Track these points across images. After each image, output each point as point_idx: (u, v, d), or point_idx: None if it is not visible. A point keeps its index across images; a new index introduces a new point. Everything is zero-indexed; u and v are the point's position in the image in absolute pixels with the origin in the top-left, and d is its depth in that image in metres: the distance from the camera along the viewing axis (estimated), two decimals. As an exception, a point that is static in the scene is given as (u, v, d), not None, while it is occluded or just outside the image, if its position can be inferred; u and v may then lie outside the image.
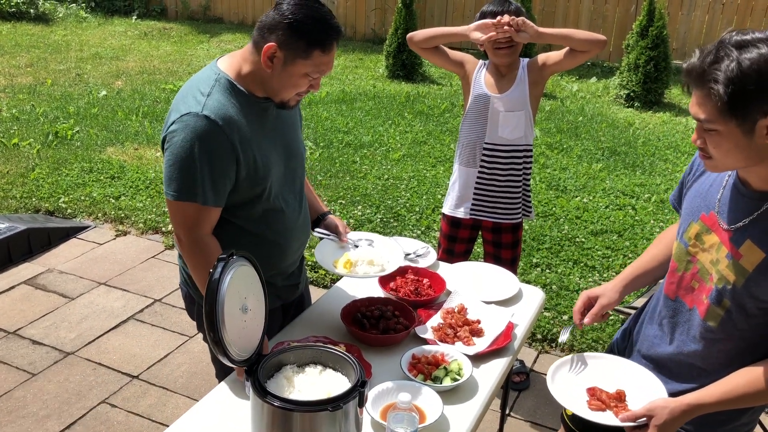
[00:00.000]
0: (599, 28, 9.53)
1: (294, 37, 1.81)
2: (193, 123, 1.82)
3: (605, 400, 1.65)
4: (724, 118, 1.40)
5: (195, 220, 1.90)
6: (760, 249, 1.50)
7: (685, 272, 1.70)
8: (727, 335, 1.61)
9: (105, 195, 5.24)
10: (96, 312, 3.87)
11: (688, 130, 6.99)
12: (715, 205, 1.64)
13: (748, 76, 1.34)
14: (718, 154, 1.48)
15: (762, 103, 1.36)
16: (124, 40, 10.39)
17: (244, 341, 1.65)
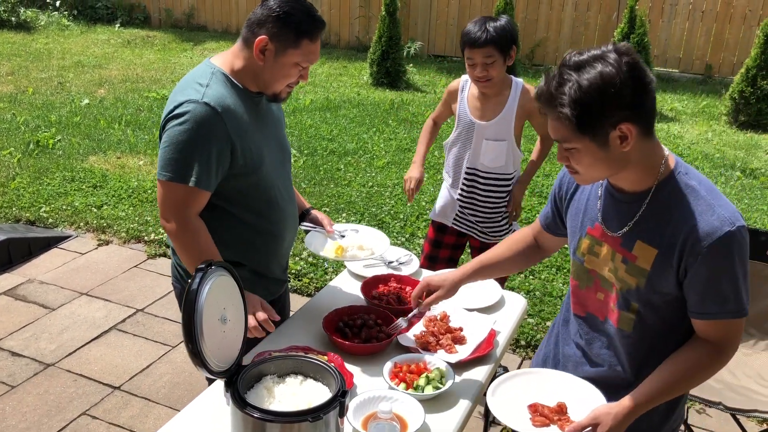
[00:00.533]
0: (581, 36, 9.61)
1: (284, 29, 1.93)
2: (192, 109, 1.91)
3: (548, 415, 1.65)
4: (578, 136, 1.47)
5: (185, 201, 1.96)
6: (651, 246, 1.55)
7: (588, 287, 1.73)
8: (643, 335, 1.65)
9: (87, 204, 5.20)
10: (77, 322, 3.83)
11: (670, 137, 7.05)
12: (598, 216, 1.68)
13: (590, 96, 1.41)
14: (582, 169, 1.55)
15: (608, 117, 1.43)
16: (107, 48, 10.34)
17: (223, 352, 1.64)
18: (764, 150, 6.78)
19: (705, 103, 8.22)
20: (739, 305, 1.53)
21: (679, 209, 1.52)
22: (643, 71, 1.45)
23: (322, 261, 4.47)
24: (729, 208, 1.51)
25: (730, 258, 1.49)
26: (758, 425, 3.12)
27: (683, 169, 1.58)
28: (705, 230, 1.48)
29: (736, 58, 8.97)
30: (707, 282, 1.51)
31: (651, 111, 1.48)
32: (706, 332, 1.58)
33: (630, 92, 1.42)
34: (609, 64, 1.41)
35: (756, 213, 5.30)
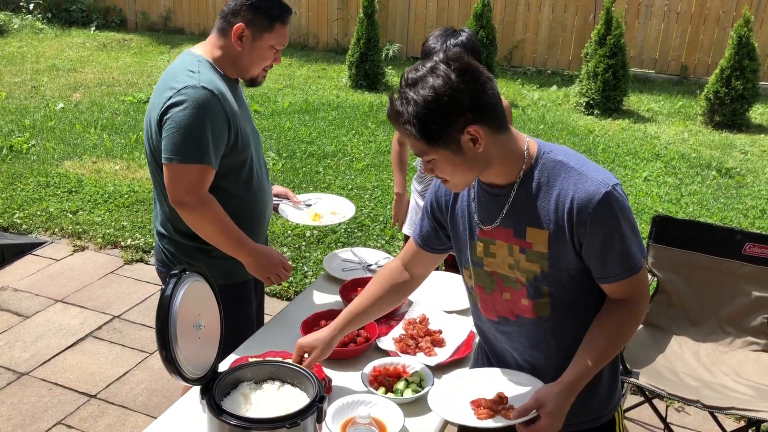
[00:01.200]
0: (558, 37, 9.68)
1: (258, 16, 2.13)
2: (193, 94, 2.04)
3: (491, 407, 1.66)
4: (431, 148, 1.51)
5: (199, 181, 2.09)
6: (541, 229, 1.59)
7: (493, 290, 1.73)
8: (562, 314, 1.67)
9: (62, 210, 5.12)
10: (52, 330, 3.77)
11: (647, 137, 7.12)
12: (476, 215, 1.70)
13: (428, 109, 1.45)
14: (448, 176, 1.59)
15: (451, 124, 1.47)
16: (82, 51, 10.21)
17: (198, 359, 1.61)
18: (739, 149, 6.86)
19: (681, 104, 8.31)
20: (634, 260, 1.57)
21: (556, 186, 1.56)
22: (476, 72, 1.48)
23: (302, 264, 4.44)
24: (600, 171, 1.56)
25: (614, 217, 1.53)
26: (736, 422, 3.15)
27: (547, 148, 1.62)
28: (584, 198, 1.52)
29: (711, 59, 9.08)
30: (602, 246, 1.54)
31: (494, 108, 1.51)
32: (616, 292, 1.62)
33: (466, 96, 1.46)
34: (439, 75, 1.46)
35: (732, 212, 5.36)
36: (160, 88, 2.13)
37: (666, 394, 2.56)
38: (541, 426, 1.55)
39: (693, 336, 2.95)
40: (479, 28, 8.00)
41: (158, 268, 2.42)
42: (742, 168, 6.33)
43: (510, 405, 1.64)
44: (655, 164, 6.33)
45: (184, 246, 2.26)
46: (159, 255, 2.38)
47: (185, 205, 2.10)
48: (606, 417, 1.78)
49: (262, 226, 2.39)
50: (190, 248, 2.25)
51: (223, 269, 2.25)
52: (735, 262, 2.90)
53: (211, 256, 2.24)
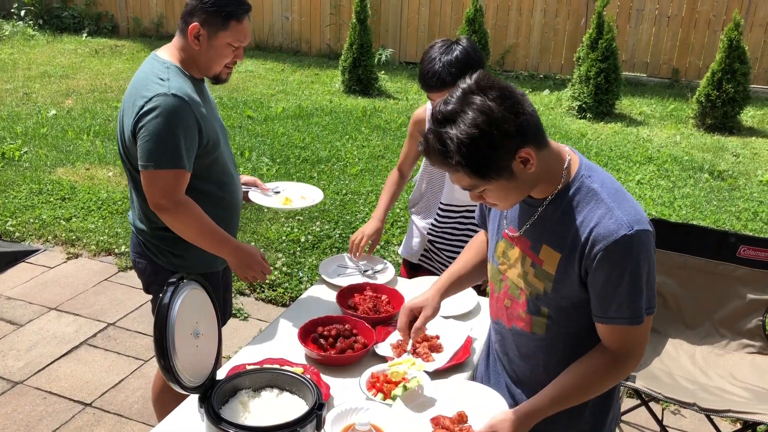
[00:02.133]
0: (550, 42, 9.71)
1: (212, 15, 2.17)
2: (164, 102, 2.10)
3: (449, 426, 1.66)
4: (483, 181, 1.47)
5: (174, 185, 2.16)
6: (555, 251, 1.57)
7: (500, 292, 1.74)
8: (556, 338, 1.65)
9: (55, 217, 5.10)
10: (46, 338, 3.75)
11: (639, 140, 7.15)
12: (505, 220, 1.70)
13: (475, 146, 1.40)
14: (499, 201, 1.56)
15: (502, 152, 1.42)
16: (74, 58, 10.18)
17: (196, 367, 1.61)
18: (731, 152, 6.90)
19: (673, 107, 8.36)
20: (635, 311, 1.51)
21: (581, 214, 1.53)
22: (512, 94, 1.43)
23: (297, 270, 4.43)
24: (630, 212, 1.50)
25: (626, 262, 1.47)
26: (732, 425, 3.16)
27: (586, 171, 1.57)
28: (601, 233, 1.48)
29: (702, 62, 9.14)
30: (605, 285, 1.50)
31: (536, 125, 1.47)
32: (607, 338, 1.58)
33: (511, 123, 1.41)
34: (478, 106, 1.40)
35: (724, 214, 5.39)
36: (132, 95, 2.19)
37: (662, 397, 2.57)
38: None
39: (688, 339, 2.97)
40: (471, 33, 8.02)
41: (134, 259, 2.48)
42: (734, 170, 6.37)
43: (469, 425, 1.65)
44: (648, 167, 6.36)
45: (165, 237, 2.34)
46: (137, 248, 2.44)
47: (163, 209, 2.19)
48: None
49: (235, 218, 2.49)
50: (171, 239, 2.33)
51: (203, 258, 2.37)
52: (729, 265, 2.91)
53: (192, 245, 2.32)
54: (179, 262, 2.36)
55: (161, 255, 2.37)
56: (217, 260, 2.41)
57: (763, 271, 2.87)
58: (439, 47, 2.45)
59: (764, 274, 2.87)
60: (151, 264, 2.40)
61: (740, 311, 2.92)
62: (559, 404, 1.59)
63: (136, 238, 2.43)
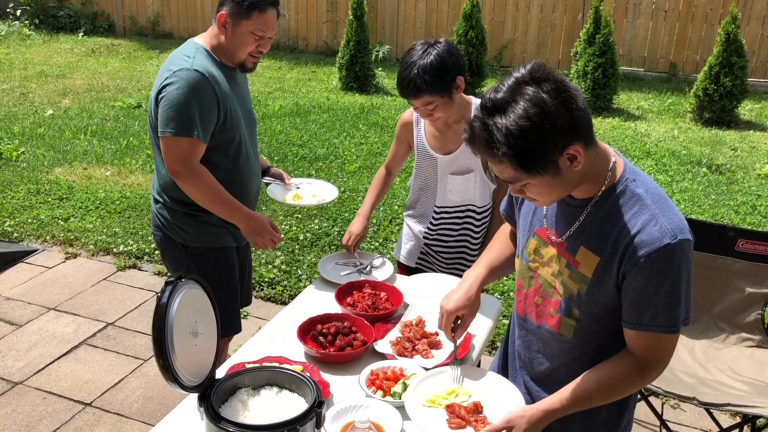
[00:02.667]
0: (548, 37, 9.71)
1: (237, 4, 2.37)
2: (185, 75, 2.30)
3: (464, 416, 1.65)
4: (528, 175, 1.42)
5: (189, 152, 2.34)
6: (593, 254, 1.54)
7: (528, 289, 1.71)
8: (582, 342, 1.63)
9: (53, 217, 5.09)
10: (45, 338, 3.75)
11: (638, 135, 7.15)
12: (544, 218, 1.67)
13: (526, 137, 1.35)
14: (540, 197, 1.51)
15: (551, 147, 1.38)
16: (70, 57, 10.16)
17: (195, 366, 1.60)
18: (729, 146, 6.91)
19: (670, 101, 8.36)
20: (671, 320, 1.49)
21: (624, 218, 1.50)
22: (567, 88, 1.39)
23: (296, 268, 4.43)
24: (674, 220, 1.47)
25: (667, 270, 1.45)
26: (731, 418, 3.16)
27: (631, 175, 1.54)
28: (645, 240, 1.45)
29: (699, 56, 9.14)
30: (642, 292, 1.48)
31: (588, 122, 1.44)
32: (635, 344, 1.55)
33: (564, 118, 1.37)
34: (530, 98, 1.35)
35: (723, 208, 5.39)
36: (161, 72, 2.40)
37: (662, 391, 2.57)
38: None
39: (688, 333, 2.97)
40: (468, 29, 8.01)
41: (153, 232, 2.67)
42: (732, 164, 6.37)
43: (484, 416, 1.64)
44: (646, 162, 6.36)
45: (175, 211, 2.52)
46: (155, 220, 2.63)
47: (178, 174, 2.36)
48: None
49: (246, 200, 2.59)
50: (180, 214, 2.52)
51: (208, 233, 2.55)
52: (728, 259, 2.92)
53: (198, 221, 2.52)
54: (186, 236, 2.54)
55: (170, 228, 2.55)
56: (226, 236, 2.58)
57: (762, 265, 2.87)
58: (418, 51, 2.39)
59: (763, 268, 2.87)
60: (165, 237, 2.58)
61: (739, 305, 2.93)
62: (578, 405, 1.58)
63: (154, 211, 2.61)
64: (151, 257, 4.64)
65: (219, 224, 2.54)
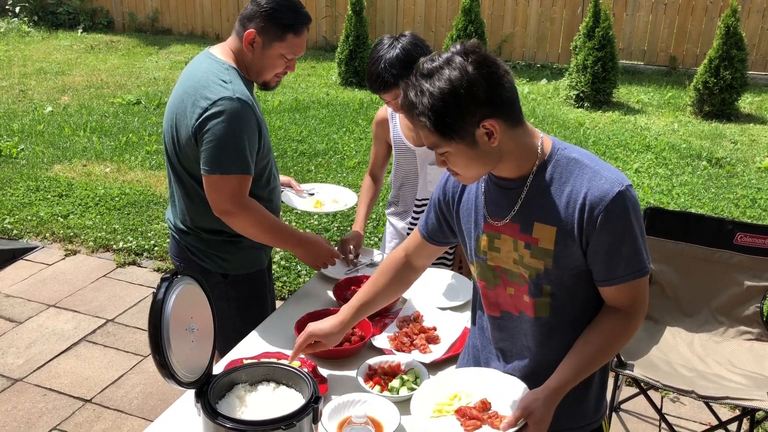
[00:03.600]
0: (547, 31, 9.69)
1: (270, 24, 2.14)
2: (230, 107, 2.07)
3: (477, 416, 1.64)
4: (445, 141, 1.49)
5: (241, 189, 2.15)
6: (549, 225, 1.57)
7: (496, 285, 1.72)
8: (562, 317, 1.65)
9: (53, 214, 5.09)
10: (45, 335, 3.75)
11: (637, 128, 7.14)
12: (485, 210, 1.68)
13: (443, 102, 1.43)
14: (460, 170, 1.56)
15: (467, 118, 1.45)
16: (69, 54, 10.15)
17: (192, 362, 1.61)
18: (729, 139, 6.89)
19: (670, 95, 8.34)
20: (641, 264, 1.55)
21: (569, 182, 1.54)
22: (493, 65, 1.46)
23: (296, 264, 4.43)
24: (613, 171, 1.54)
25: (626, 217, 1.51)
26: (731, 411, 3.16)
27: (561, 145, 1.60)
28: (597, 195, 1.50)
29: (699, 50, 9.11)
30: (610, 246, 1.52)
31: (511, 102, 1.49)
32: (615, 298, 1.60)
33: (483, 89, 1.44)
34: (455, 66, 1.44)
35: (722, 202, 5.38)
36: (191, 95, 2.14)
37: (661, 385, 2.57)
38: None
39: (686, 327, 2.97)
40: (468, 23, 8.00)
41: (178, 265, 2.45)
42: (732, 157, 6.36)
43: (494, 411, 1.63)
44: (646, 156, 6.35)
45: (212, 242, 2.33)
46: (180, 252, 2.40)
47: (230, 213, 2.17)
48: (594, 425, 1.76)
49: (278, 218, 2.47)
50: (218, 243, 2.33)
51: (249, 258, 2.39)
52: (726, 252, 2.91)
53: (239, 247, 2.34)
54: (227, 264, 2.36)
55: (207, 259, 2.35)
56: (262, 257, 2.44)
57: (761, 258, 2.87)
58: (384, 46, 2.39)
59: (761, 261, 2.87)
60: (198, 268, 2.35)
61: (738, 298, 2.92)
62: (584, 372, 1.60)
63: (178, 243, 2.39)
64: (151, 253, 4.64)
65: (258, 246, 2.38)
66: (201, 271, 2.35)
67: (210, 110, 2.07)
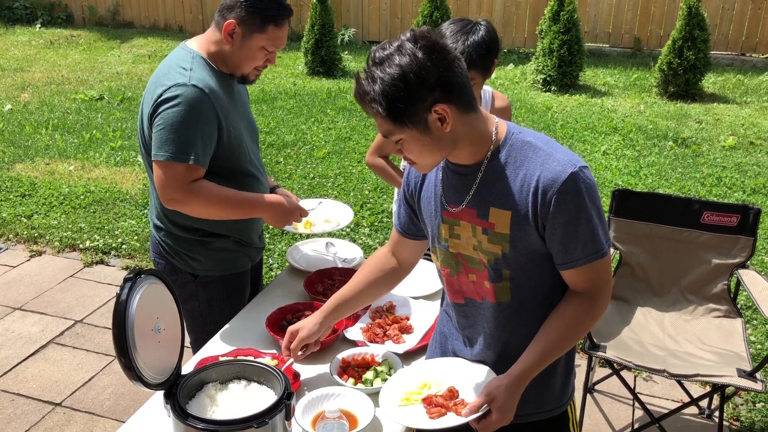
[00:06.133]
0: (513, 15, 9.69)
1: (251, 15, 2.08)
2: (183, 92, 2.01)
3: (442, 404, 1.64)
4: (398, 128, 1.48)
5: (185, 178, 2.06)
6: (504, 209, 1.56)
7: (458, 272, 1.72)
8: (523, 302, 1.64)
9: (16, 214, 4.97)
10: (11, 339, 3.66)
11: (604, 111, 7.19)
12: (443, 197, 1.68)
13: (393, 88, 1.43)
14: (416, 157, 1.55)
15: (418, 103, 1.45)
16: (28, 50, 9.91)
17: (159, 363, 1.57)
18: (693, 119, 6.98)
19: (636, 76, 8.42)
20: (599, 244, 1.54)
21: (523, 166, 1.54)
22: (443, 51, 1.46)
23: (267, 257, 4.39)
24: (568, 153, 1.53)
25: (580, 198, 1.50)
26: (702, 387, 3.21)
27: (516, 130, 1.60)
28: (550, 177, 1.49)
29: (663, 31, 9.20)
30: (566, 228, 1.51)
31: (462, 87, 1.49)
32: (577, 282, 1.59)
33: (433, 74, 1.43)
34: (405, 53, 1.44)
35: (689, 181, 5.45)
36: (153, 84, 2.11)
37: (633, 365, 2.59)
38: (492, 421, 1.55)
39: (657, 306, 3.00)
40: (434, 9, 7.96)
41: (154, 260, 2.40)
42: (698, 137, 6.45)
43: (461, 399, 1.63)
44: (614, 138, 6.40)
45: (182, 239, 2.27)
46: (156, 248, 2.35)
47: (176, 201, 2.10)
48: (559, 410, 1.76)
49: (256, 221, 2.40)
50: (188, 241, 2.27)
51: (221, 260, 2.31)
52: (694, 231, 2.95)
53: (210, 248, 2.28)
54: (197, 265, 2.29)
55: (177, 257, 2.29)
56: (241, 260, 2.36)
57: (727, 236, 2.91)
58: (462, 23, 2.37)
59: (727, 239, 2.91)
60: (170, 265, 2.31)
61: (706, 276, 2.96)
62: (547, 358, 1.59)
63: (155, 238, 2.34)
64: (118, 252, 4.56)
65: (233, 249, 2.32)
66: (172, 268, 2.31)
67: (163, 95, 2.03)
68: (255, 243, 2.42)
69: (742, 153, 6.08)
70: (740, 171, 5.65)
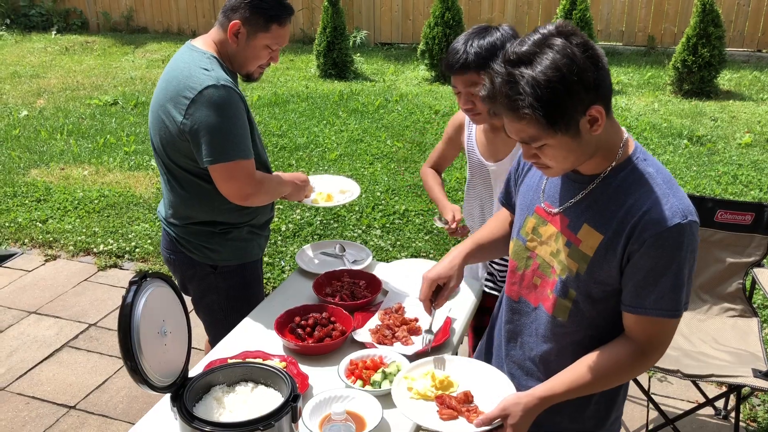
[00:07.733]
0: (525, 15, 9.65)
1: (254, 14, 2.16)
2: (216, 94, 2.07)
3: (455, 407, 1.61)
4: (549, 133, 1.37)
5: (251, 170, 2.17)
6: (597, 231, 1.49)
7: (525, 270, 1.66)
8: (578, 327, 1.58)
9: (31, 219, 5.02)
10: (27, 343, 3.70)
11: (618, 109, 7.13)
12: (543, 194, 1.62)
13: (552, 89, 1.31)
14: (555, 163, 1.45)
15: (576, 104, 1.35)
16: (44, 56, 10.01)
17: (166, 366, 1.57)
18: (709, 117, 6.91)
19: (650, 74, 8.34)
20: (675, 304, 1.45)
21: (633, 195, 1.45)
22: (594, 47, 1.36)
23: (278, 260, 4.40)
24: (684, 202, 1.43)
25: (676, 251, 1.41)
26: (717, 388, 3.17)
27: (642, 155, 1.50)
28: (654, 218, 1.40)
29: (677, 28, 9.12)
30: (648, 273, 1.43)
31: (611, 87, 1.41)
32: (634, 329, 1.50)
33: (590, 74, 1.33)
34: (558, 50, 1.32)
35: (704, 179, 5.39)
36: (176, 88, 2.12)
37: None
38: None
39: (670, 306, 2.96)
40: (445, 10, 7.95)
41: (168, 257, 2.45)
42: (713, 135, 6.37)
43: (475, 405, 1.61)
44: (627, 136, 6.34)
45: (201, 232, 2.33)
46: (171, 245, 2.40)
47: (251, 195, 2.20)
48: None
49: (267, 209, 2.48)
50: (206, 234, 2.34)
51: (239, 249, 2.39)
52: (708, 230, 2.91)
53: (227, 238, 2.35)
54: (216, 256, 2.36)
55: (196, 250, 2.36)
56: (255, 248, 2.45)
57: (741, 234, 2.87)
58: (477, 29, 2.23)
59: (742, 237, 2.87)
60: (188, 260, 2.38)
61: (720, 275, 2.92)
62: (574, 392, 1.53)
63: (168, 235, 2.40)
64: (132, 255, 4.58)
65: (248, 237, 2.40)
66: (190, 262, 2.37)
67: (197, 99, 2.07)
68: (265, 232, 2.51)
69: (758, 150, 6.00)
70: (757, 168, 5.58)
